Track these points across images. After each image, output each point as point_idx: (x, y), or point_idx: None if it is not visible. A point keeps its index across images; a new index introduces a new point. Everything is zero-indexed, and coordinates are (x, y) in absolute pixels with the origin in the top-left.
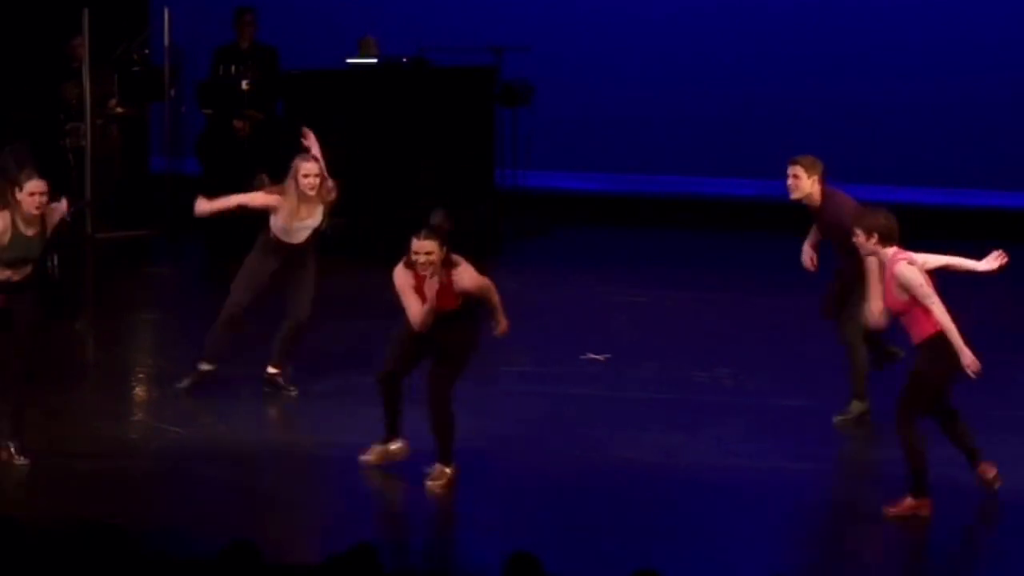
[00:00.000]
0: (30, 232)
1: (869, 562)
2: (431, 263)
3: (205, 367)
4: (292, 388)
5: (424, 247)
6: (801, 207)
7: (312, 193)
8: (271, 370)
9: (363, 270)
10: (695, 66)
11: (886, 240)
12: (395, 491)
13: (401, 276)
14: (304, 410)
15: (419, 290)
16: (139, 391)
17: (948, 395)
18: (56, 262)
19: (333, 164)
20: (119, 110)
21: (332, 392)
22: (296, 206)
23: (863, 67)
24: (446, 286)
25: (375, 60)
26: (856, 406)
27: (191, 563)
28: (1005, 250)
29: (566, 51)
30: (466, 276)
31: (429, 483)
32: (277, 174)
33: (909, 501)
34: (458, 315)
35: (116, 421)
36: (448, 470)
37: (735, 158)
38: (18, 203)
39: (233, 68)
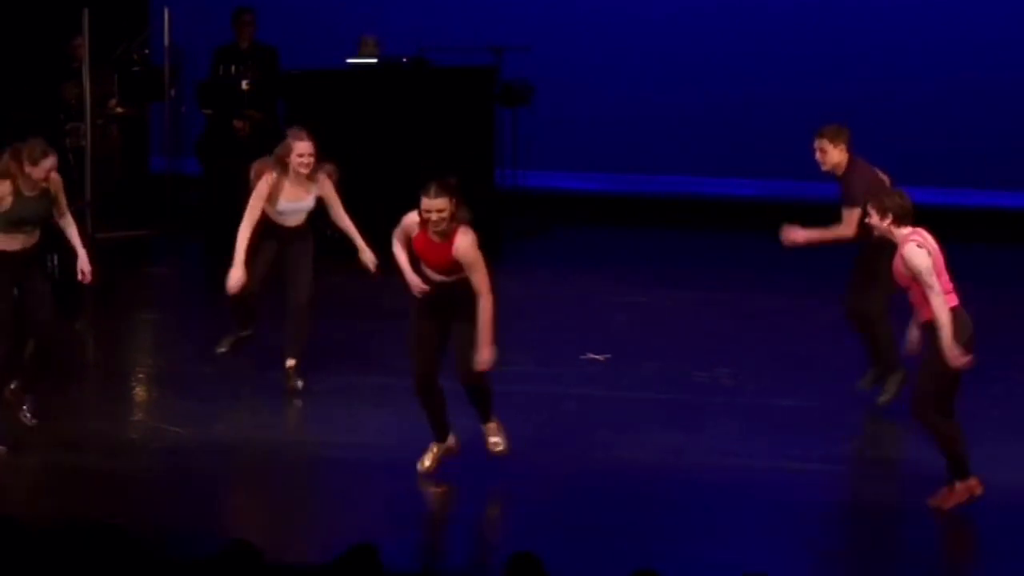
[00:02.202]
0: (32, 194)
1: (871, 561)
2: (443, 219)
3: (242, 333)
4: (299, 381)
5: (436, 204)
6: (800, 207)
7: (305, 171)
8: (289, 362)
9: (363, 270)
10: (695, 66)
11: (900, 221)
12: (395, 491)
13: (402, 231)
14: (304, 410)
15: (420, 236)
16: (139, 391)
17: (957, 386)
18: (56, 262)
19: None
20: (119, 110)
21: (332, 392)
22: (287, 186)
23: (863, 67)
24: (446, 244)
25: (375, 60)
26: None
27: (191, 563)
28: (1005, 251)
29: (566, 51)
30: (463, 243)
31: (494, 449)
32: None
33: (959, 487)
34: (467, 287)
35: (116, 421)
36: (494, 423)
37: (735, 158)
38: (26, 173)
39: (233, 68)
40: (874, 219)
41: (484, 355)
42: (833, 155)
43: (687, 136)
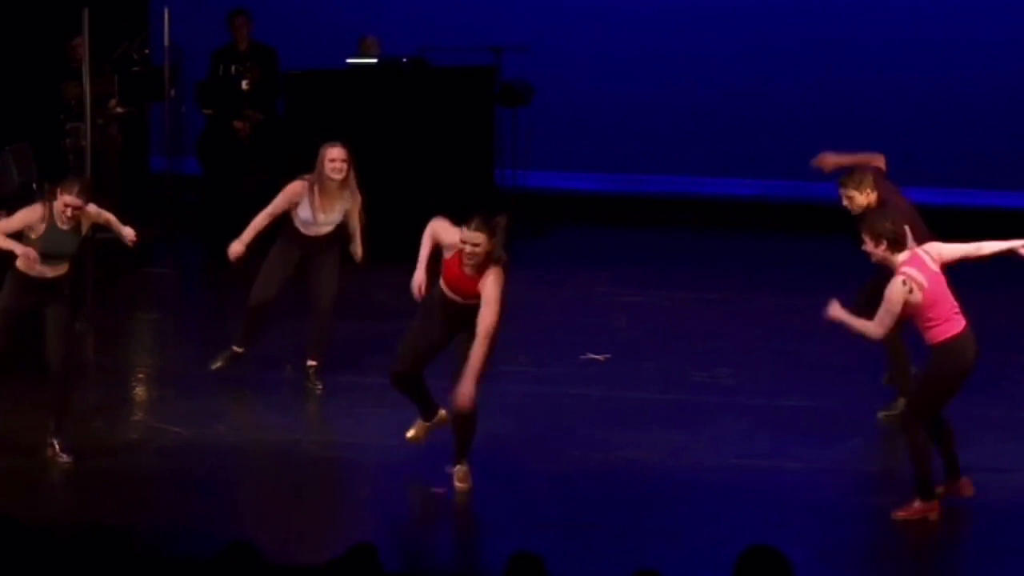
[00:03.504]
0: (65, 228)
1: (871, 562)
2: (477, 255)
3: (237, 349)
4: (318, 384)
5: (473, 238)
6: (800, 207)
7: (338, 177)
8: (309, 362)
9: (362, 271)
10: (695, 66)
11: (894, 246)
12: (396, 491)
13: (433, 232)
14: (304, 410)
15: (453, 262)
16: (139, 391)
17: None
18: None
19: None
20: (119, 110)
21: (332, 392)
22: (319, 197)
23: (863, 67)
24: (473, 278)
25: (375, 60)
26: (903, 403)
27: (191, 563)
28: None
29: (566, 51)
30: (491, 281)
31: (459, 485)
32: (276, 175)
33: (918, 505)
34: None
35: (116, 421)
36: (465, 468)
37: (735, 158)
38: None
39: (233, 68)
40: (869, 246)
41: (465, 388)
42: (860, 200)
43: (687, 136)
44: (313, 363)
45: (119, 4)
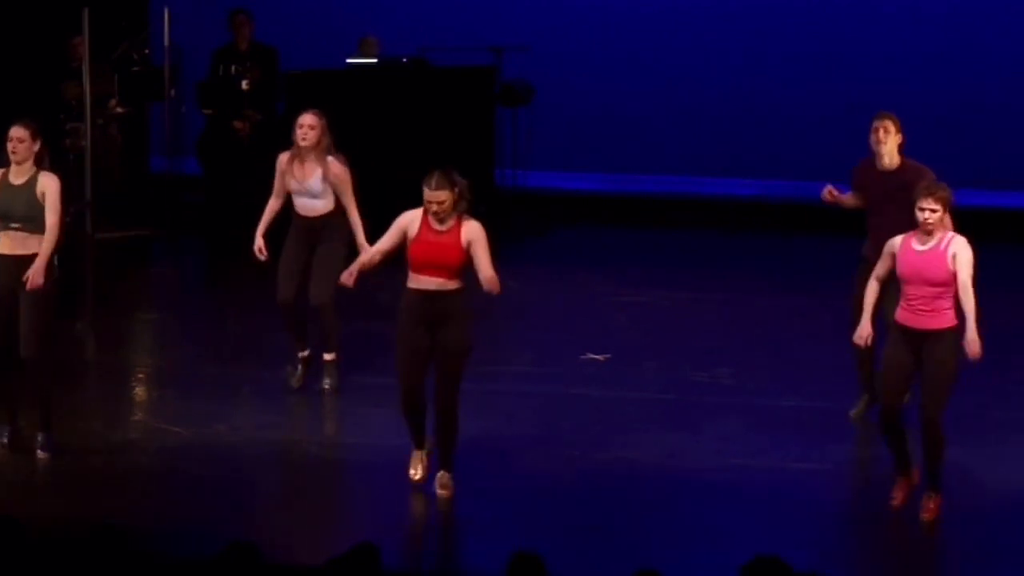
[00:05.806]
0: (17, 182)
1: (870, 562)
2: (444, 211)
3: (301, 354)
4: (327, 380)
5: (437, 196)
6: (800, 207)
7: (304, 144)
8: (326, 356)
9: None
10: (695, 66)
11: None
12: (396, 491)
13: (404, 218)
14: (304, 410)
15: (422, 238)
16: (139, 391)
17: None
18: (56, 262)
19: None
20: (119, 110)
21: (333, 392)
22: (297, 165)
23: (863, 67)
24: (452, 236)
25: (375, 60)
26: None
27: (191, 563)
28: (1005, 252)
29: (566, 51)
30: (472, 226)
31: (441, 492)
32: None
33: (937, 499)
34: (456, 306)
35: (116, 421)
36: (449, 476)
37: (735, 158)
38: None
39: (233, 68)
40: (939, 212)
41: (487, 275)
42: (893, 139)
43: (687, 136)
44: (330, 356)
45: (119, 4)
